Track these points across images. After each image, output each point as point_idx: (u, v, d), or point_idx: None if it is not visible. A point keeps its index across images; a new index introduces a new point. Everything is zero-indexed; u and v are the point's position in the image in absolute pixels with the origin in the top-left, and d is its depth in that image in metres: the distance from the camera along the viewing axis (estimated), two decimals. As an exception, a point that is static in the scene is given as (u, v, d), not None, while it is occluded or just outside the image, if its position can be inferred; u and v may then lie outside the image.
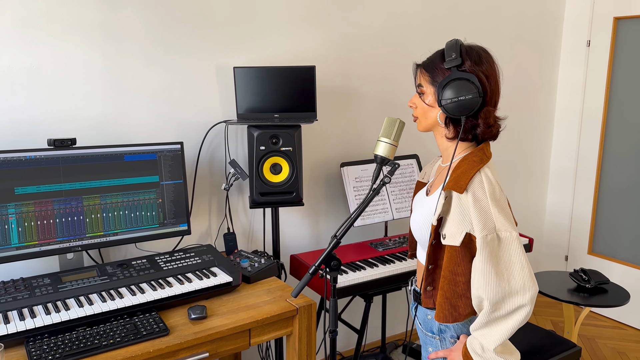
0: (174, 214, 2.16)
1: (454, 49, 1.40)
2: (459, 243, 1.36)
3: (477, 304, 1.37)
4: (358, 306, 3.12)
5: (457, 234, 1.37)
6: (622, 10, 3.53)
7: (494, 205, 1.35)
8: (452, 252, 1.38)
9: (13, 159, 1.85)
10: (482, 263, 1.33)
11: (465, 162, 1.41)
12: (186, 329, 1.74)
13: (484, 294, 1.33)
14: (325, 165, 2.86)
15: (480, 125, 1.41)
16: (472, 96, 1.36)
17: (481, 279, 1.33)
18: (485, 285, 1.33)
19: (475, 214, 1.34)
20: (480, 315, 1.37)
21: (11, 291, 1.79)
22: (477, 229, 1.34)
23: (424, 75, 1.48)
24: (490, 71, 1.41)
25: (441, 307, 1.42)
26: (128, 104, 2.26)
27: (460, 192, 1.36)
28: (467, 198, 1.36)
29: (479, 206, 1.35)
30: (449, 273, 1.39)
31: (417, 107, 1.52)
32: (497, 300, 1.33)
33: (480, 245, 1.33)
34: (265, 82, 2.35)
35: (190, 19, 2.34)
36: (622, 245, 3.71)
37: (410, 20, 3.04)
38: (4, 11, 1.96)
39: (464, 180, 1.37)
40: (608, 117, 3.71)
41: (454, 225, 1.38)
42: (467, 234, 1.35)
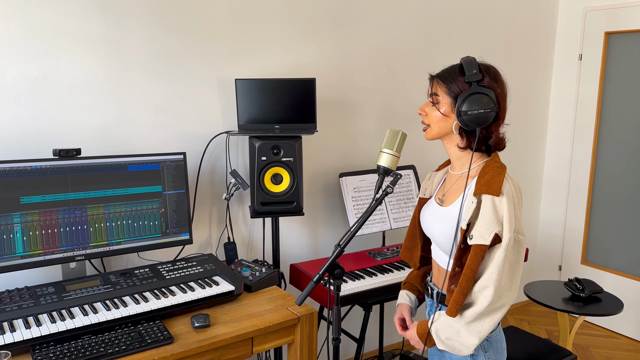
0: (176, 223, 2.18)
1: (474, 65, 1.49)
2: (489, 242, 1.44)
3: (476, 292, 1.47)
4: (356, 315, 3.14)
5: (486, 233, 1.44)
6: (613, 25, 3.61)
7: (518, 210, 1.49)
8: (478, 251, 1.45)
9: (19, 169, 1.88)
10: (501, 259, 1.44)
11: (490, 169, 1.50)
12: (190, 337, 1.77)
13: (493, 283, 1.45)
14: (324, 176, 2.90)
15: (492, 137, 1.52)
16: (489, 110, 1.46)
17: (495, 271, 1.45)
18: (498, 276, 1.44)
19: (508, 216, 1.44)
20: (477, 306, 1.46)
21: (16, 300, 1.80)
22: (507, 229, 1.44)
23: (441, 85, 1.54)
24: (503, 89, 1.53)
25: (457, 303, 1.48)
26: (131, 115, 2.29)
27: (496, 195, 1.45)
28: (503, 201, 1.45)
29: (512, 209, 1.46)
30: (471, 271, 1.46)
31: (428, 115, 1.59)
32: (500, 293, 1.46)
33: (506, 244, 1.44)
34: (266, 94, 2.39)
35: (192, 32, 2.39)
36: (615, 255, 3.77)
37: (406, 35, 3.10)
38: (10, 24, 1.99)
39: (497, 185, 1.46)
40: (600, 128, 3.78)
41: (483, 226, 1.45)
42: (495, 234, 1.44)
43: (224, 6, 2.45)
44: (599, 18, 3.68)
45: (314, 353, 2.03)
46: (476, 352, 1.58)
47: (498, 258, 1.45)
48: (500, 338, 1.63)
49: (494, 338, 1.60)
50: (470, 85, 1.48)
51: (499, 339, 1.62)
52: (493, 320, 1.48)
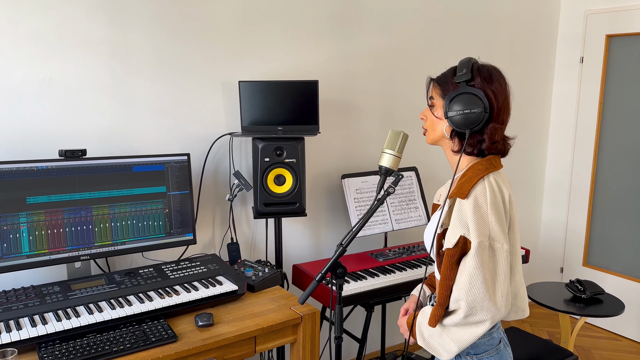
0: (180, 223, 2.20)
1: (465, 65, 1.45)
2: (452, 245, 1.38)
3: (453, 302, 1.41)
4: (359, 316, 3.16)
5: (452, 236, 1.39)
6: (614, 28, 3.63)
7: (493, 214, 1.38)
8: (447, 256, 1.40)
9: (25, 169, 1.90)
10: (472, 267, 1.36)
11: (471, 170, 1.45)
12: (194, 336, 1.79)
13: (464, 296, 1.36)
14: (327, 177, 2.92)
15: (485, 140, 1.45)
16: (478, 111, 1.41)
17: (466, 282, 1.36)
18: (470, 288, 1.36)
19: (474, 219, 1.37)
20: (454, 316, 1.40)
21: (22, 298, 1.83)
22: (474, 234, 1.36)
23: (436, 88, 1.52)
24: (499, 90, 1.44)
25: (434, 315, 1.44)
26: (135, 117, 2.31)
27: (462, 197, 1.40)
28: (468, 203, 1.39)
29: (479, 212, 1.38)
30: (444, 279, 1.41)
31: (427, 119, 1.57)
32: (474, 305, 1.36)
33: (474, 250, 1.36)
34: (269, 96, 2.41)
35: (196, 35, 2.41)
36: (617, 257, 3.78)
37: (408, 38, 3.12)
38: (17, 27, 2.02)
39: (467, 187, 1.41)
40: (601, 131, 3.80)
41: (451, 230, 1.40)
42: (461, 236, 1.37)
43: (228, 10, 2.48)
44: (600, 21, 3.70)
45: (317, 352, 2.04)
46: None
47: (468, 267, 1.36)
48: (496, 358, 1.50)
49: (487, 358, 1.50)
50: (459, 85, 1.44)
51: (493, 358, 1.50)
52: (474, 334, 1.39)
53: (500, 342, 1.53)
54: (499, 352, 1.51)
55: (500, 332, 1.53)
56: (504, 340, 1.55)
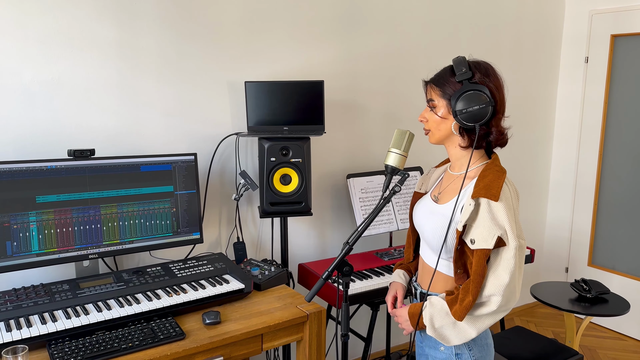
0: (187, 222, 2.22)
1: (463, 63, 1.51)
2: (492, 246, 1.44)
3: (484, 297, 1.47)
4: (364, 315, 3.17)
5: (489, 237, 1.44)
6: (619, 28, 3.63)
7: (517, 214, 1.51)
8: (481, 255, 1.45)
9: (34, 169, 1.92)
10: (513, 266, 1.44)
11: (490, 172, 1.51)
12: (201, 334, 1.80)
13: (500, 291, 1.45)
14: (332, 177, 2.94)
15: (493, 132, 1.52)
16: (485, 105, 1.47)
17: (506, 279, 1.44)
18: (507, 285, 1.44)
19: (508, 221, 1.44)
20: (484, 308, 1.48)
21: (32, 296, 1.85)
22: (511, 235, 1.44)
23: (435, 90, 1.56)
24: (497, 83, 1.53)
25: (466, 309, 1.48)
26: (143, 117, 2.34)
27: (495, 199, 1.45)
28: (499, 205, 1.45)
29: (512, 214, 1.46)
30: (478, 277, 1.46)
31: (429, 120, 1.60)
32: (508, 299, 1.47)
33: (513, 251, 1.44)
34: (275, 96, 2.43)
35: (203, 36, 2.43)
36: (622, 257, 3.78)
37: (413, 38, 3.14)
38: (27, 29, 2.05)
39: (496, 189, 1.46)
40: (606, 131, 3.80)
41: (485, 230, 1.45)
42: (498, 237, 1.44)
43: (234, 11, 2.50)
44: (605, 21, 3.70)
45: (323, 350, 2.06)
46: (460, 351, 1.58)
47: (508, 265, 1.44)
48: (484, 335, 1.62)
49: (479, 335, 1.60)
50: (462, 84, 1.50)
51: (483, 336, 1.61)
52: (494, 319, 1.50)
53: None
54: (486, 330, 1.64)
55: None
56: None
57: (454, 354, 1.59)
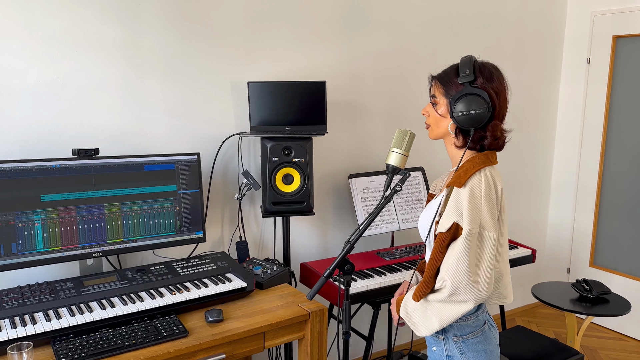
0: (190, 221, 2.24)
1: (468, 65, 1.52)
2: (445, 230, 1.47)
3: (439, 282, 1.50)
4: (366, 314, 3.18)
5: (446, 222, 1.48)
6: (621, 29, 3.64)
7: (486, 204, 1.48)
8: (438, 240, 1.50)
9: (39, 168, 1.94)
10: (461, 251, 1.45)
11: (469, 163, 1.54)
12: (204, 331, 1.82)
13: (450, 277, 1.46)
14: (334, 177, 2.95)
15: (487, 137, 1.54)
16: (481, 110, 1.49)
17: (454, 264, 1.46)
18: (456, 270, 1.45)
19: (468, 208, 1.46)
20: (438, 293, 1.51)
21: (36, 294, 1.87)
22: (466, 221, 1.45)
23: (439, 87, 1.59)
24: (500, 88, 1.54)
25: (419, 290, 1.53)
26: (147, 117, 2.35)
27: (459, 186, 1.49)
28: (464, 192, 1.48)
29: (474, 202, 1.47)
30: (432, 260, 1.51)
31: (430, 115, 1.63)
32: (458, 286, 1.46)
33: (464, 236, 1.45)
34: (277, 96, 2.44)
35: (206, 37, 2.45)
36: (623, 258, 3.78)
37: (415, 38, 3.15)
38: (32, 29, 2.07)
39: (464, 177, 1.50)
40: (608, 132, 3.80)
41: (445, 216, 1.49)
42: (454, 222, 1.47)
43: (237, 12, 2.52)
44: (607, 22, 3.71)
45: (324, 349, 2.07)
46: (451, 353, 1.59)
47: (457, 250, 1.46)
48: (481, 340, 1.58)
49: (473, 340, 1.57)
50: (463, 86, 1.52)
51: (479, 340, 1.58)
52: (456, 312, 1.49)
53: (485, 324, 1.61)
54: (484, 333, 1.60)
55: (485, 315, 1.62)
56: (489, 322, 1.63)
57: (445, 356, 1.60)
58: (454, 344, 1.58)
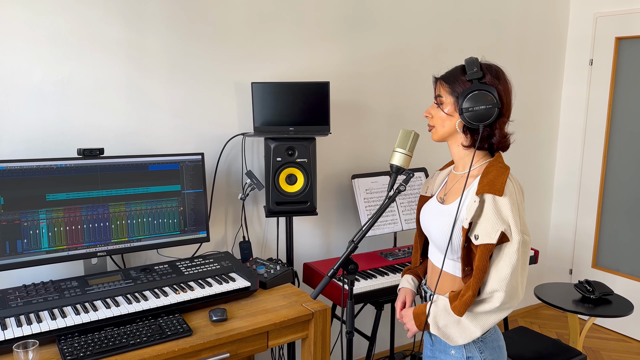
0: (194, 221, 2.25)
1: (475, 64, 1.53)
2: (495, 241, 1.44)
3: (487, 292, 1.48)
4: (368, 314, 3.19)
5: (492, 232, 1.45)
6: (624, 31, 3.65)
7: (522, 210, 1.51)
8: (484, 250, 1.46)
9: (45, 167, 1.95)
10: (516, 261, 1.45)
11: (494, 169, 1.52)
12: (208, 330, 1.83)
13: (504, 287, 1.45)
14: (337, 177, 2.96)
15: (496, 134, 1.54)
16: (491, 107, 1.49)
17: (508, 275, 1.45)
18: (509, 281, 1.45)
19: (512, 216, 1.45)
20: (486, 304, 1.48)
21: (42, 292, 1.88)
22: (515, 229, 1.45)
23: (444, 86, 1.58)
24: (506, 87, 1.54)
25: (466, 304, 1.49)
26: (151, 117, 2.37)
27: (499, 194, 1.46)
28: (505, 200, 1.46)
29: (516, 209, 1.47)
30: (480, 272, 1.47)
31: (434, 117, 1.62)
32: (511, 295, 1.46)
33: (517, 246, 1.45)
34: (281, 97, 2.45)
35: (210, 37, 2.46)
36: (626, 259, 3.78)
37: (417, 39, 3.16)
38: (37, 29, 2.08)
39: (500, 184, 1.47)
40: (611, 133, 3.81)
41: (488, 225, 1.46)
42: (502, 232, 1.44)
43: (240, 13, 2.53)
44: (610, 23, 3.72)
45: (327, 348, 2.08)
46: (471, 354, 1.58)
47: (511, 260, 1.45)
48: (496, 337, 1.62)
49: (489, 338, 1.60)
50: (471, 83, 1.52)
51: (494, 338, 1.61)
52: (499, 318, 1.50)
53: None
54: (496, 331, 1.64)
55: None
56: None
57: (465, 357, 1.58)
58: (474, 344, 1.57)
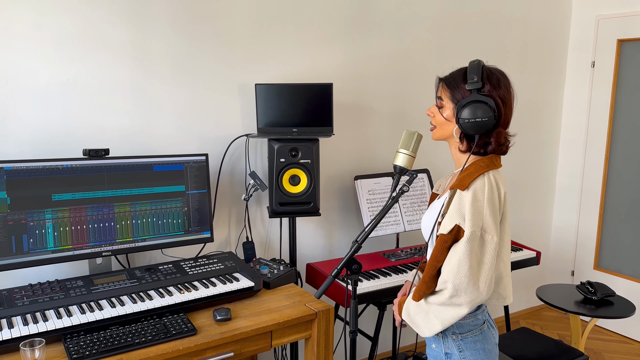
0: (198, 221, 2.27)
1: (476, 71, 1.53)
2: (447, 232, 1.49)
3: (441, 283, 1.52)
4: (371, 315, 3.20)
5: (447, 224, 1.50)
6: (626, 33, 3.66)
7: (488, 208, 1.50)
8: (440, 241, 1.51)
9: (51, 167, 1.97)
10: (462, 254, 1.47)
11: (473, 166, 1.55)
12: (212, 330, 1.84)
13: (451, 278, 1.48)
14: (340, 178, 2.98)
15: (492, 143, 1.56)
16: (487, 118, 1.50)
17: (455, 266, 1.48)
18: (457, 272, 1.48)
19: (470, 211, 1.48)
20: (439, 295, 1.52)
21: (47, 292, 1.89)
22: (468, 224, 1.47)
23: (445, 90, 1.60)
24: (506, 95, 1.55)
25: (419, 290, 1.55)
26: (155, 118, 2.38)
27: (462, 189, 1.51)
28: (467, 195, 1.50)
29: (476, 205, 1.49)
30: (432, 260, 1.53)
31: (435, 117, 1.65)
32: (459, 288, 1.48)
33: (466, 238, 1.47)
34: (284, 98, 2.47)
35: (214, 39, 2.48)
36: (628, 261, 3.79)
37: (420, 42, 3.17)
38: (44, 32, 2.10)
39: (468, 180, 1.52)
40: (612, 135, 3.82)
41: (447, 218, 1.51)
42: (456, 225, 1.48)
43: (244, 15, 2.55)
44: (612, 26, 3.73)
45: (330, 348, 2.09)
46: (450, 351, 1.60)
47: (458, 252, 1.48)
48: (481, 339, 1.60)
49: (471, 338, 1.59)
50: (471, 93, 1.53)
51: (478, 339, 1.60)
52: (457, 314, 1.51)
53: (484, 324, 1.63)
54: (483, 332, 1.62)
55: (485, 315, 1.64)
56: (489, 322, 1.65)
57: (444, 353, 1.62)
58: (453, 342, 1.60)
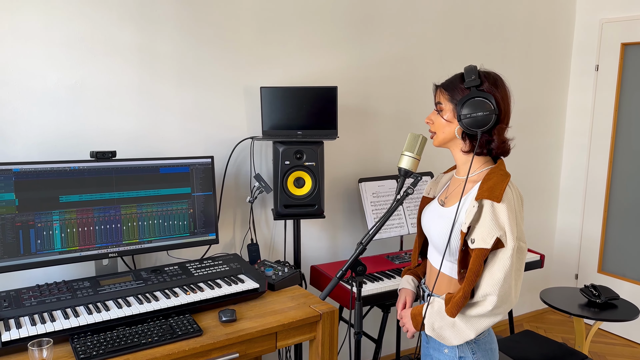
0: (204, 223, 2.28)
1: (473, 72, 1.56)
2: (490, 246, 1.48)
3: (479, 296, 1.51)
4: (375, 317, 3.21)
5: (488, 237, 1.48)
6: (629, 37, 3.66)
7: (520, 217, 1.54)
8: (479, 254, 1.49)
9: (58, 169, 1.99)
10: (509, 267, 1.48)
11: (495, 175, 1.55)
12: (218, 331, 1.85)
13: (496, 291, 1.48)
14: (344, 181, 2.99)
15: (494, 140, 1.57)
16: (488, 113, 1.52)
17: (501, 280, 1.48)
18: (502, 285, 1.48)
19: (509, 223, 1.49)
20: (479, 307, 1.52)
21: (55, 292, 1.91)
22: (510, 236, 1.48)
23: (443, 94, 1.62)
24: (504, 93, 1.58)
25: (458, 305, 1.52)
26: (162, 120, 2.40)
27: (497, 201, 1.50)
28: (502, 207, 1.49)
29: (513, 216, 1.50)
30: (473, 275, 1.50)
31: (434, 123, 1.66)
32: (504, 301, 1.50)
33: (511, 252, 1.48)
34: (289, 101, 2.48)
35: (220, 42, 2.50)
36: (632, 264, 3.79)
37: (424, 45, 3.19)
38: (51, 34, 2.12)
39: (499, 191, 1.51)
40: (616, 138, 3.82)
41: (485, 230, 1.49)
42: (497, 238, 1.48)
43: (250, 18, 2.57)
44: (616, 29, 3.74)
45: (335, 350, 2.10)
46: (464, 354, 1.62)
47: (504, 265, 1.48)
48: (489, 340, 1.65)
49: (483, 340, 1.63)
50: (469, 90, 1.55)
51: (487, 340, 1.64)
52: (491, 322, 1.54)
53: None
54: (490, 333, 1.68)
55: None
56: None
57: (457, 357, 1.62)
58: (467, 345, 1.61)
